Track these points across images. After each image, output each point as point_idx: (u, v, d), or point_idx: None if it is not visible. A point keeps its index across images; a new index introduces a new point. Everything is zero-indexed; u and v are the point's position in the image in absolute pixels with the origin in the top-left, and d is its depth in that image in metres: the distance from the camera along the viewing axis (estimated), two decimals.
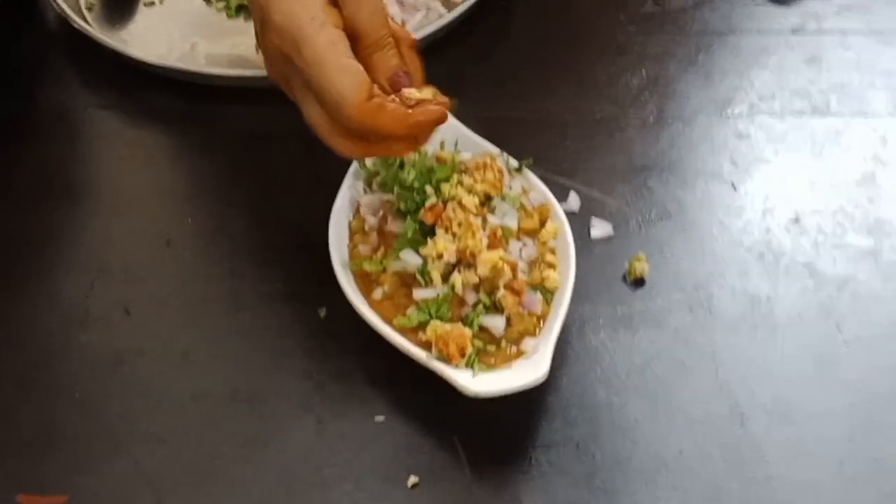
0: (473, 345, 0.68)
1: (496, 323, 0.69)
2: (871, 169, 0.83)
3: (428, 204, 0.72)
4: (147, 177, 0.85)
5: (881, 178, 0.82)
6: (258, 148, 0.85)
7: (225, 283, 0.77)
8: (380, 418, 0.70)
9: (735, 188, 0.82)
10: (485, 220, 0.72)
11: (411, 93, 0.65)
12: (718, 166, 0.84)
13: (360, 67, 0.64)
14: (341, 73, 0.63)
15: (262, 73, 0.86)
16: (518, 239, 0.73)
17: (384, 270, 0.72)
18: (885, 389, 0.71)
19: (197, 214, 0.81)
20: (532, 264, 0.72)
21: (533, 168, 0.77)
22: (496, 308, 0.70)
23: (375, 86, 0.65)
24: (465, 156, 0.76)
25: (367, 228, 0.74)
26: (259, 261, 0.78)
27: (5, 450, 0.69)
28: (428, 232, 0.72)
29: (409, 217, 0.73)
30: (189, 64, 0.87)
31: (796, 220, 0.80)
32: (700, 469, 0.68)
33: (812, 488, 0.67)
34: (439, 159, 0.76)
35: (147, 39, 0.90)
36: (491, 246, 0.70)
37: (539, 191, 0.76)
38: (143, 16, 0.93)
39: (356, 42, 0.66)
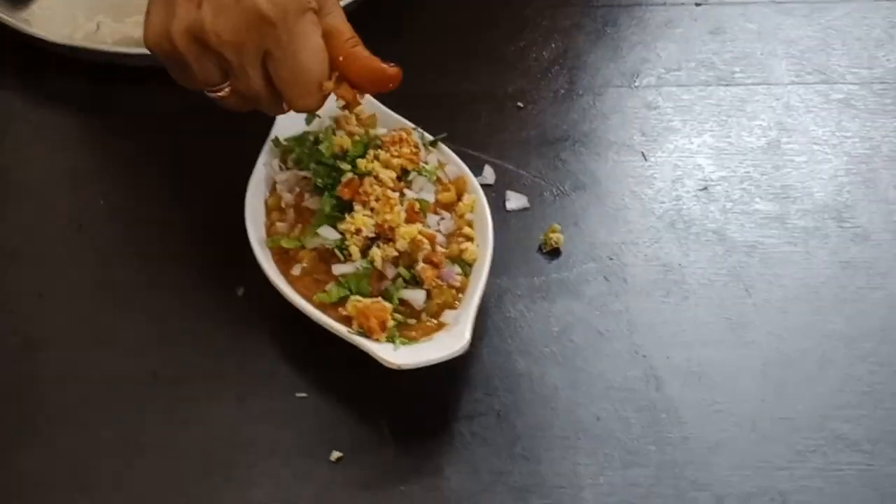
0: (394, 318, 0.68)
1: (416, 296, 0.70)
2: (776, 136, 0.85)
3: (345, 179, 0.72)
4: (55, 160, 0.83)
5: (786, 145, 0.84)
6: (168, 128, 0.83)
7: (140, 265, 0.76)
8: (302, 395, 0.70)
9: (645, 158, 0.84)
10: (402, 195, 0.72)
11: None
12: (629, 137, 0.85)
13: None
14: (318, 52, 0.69)
15: None
16: (435, 212, 0.73)
17: (302, 247, 0.72)
18: (794, 350, 0.73)
19: (108, 197, 0.80)
20: (450, 237, 0.73)
21: (447, 142, 0.78)
22: (416, 281, 0.70)
23: None
24: (381, 131, 0.76)
25: (283, 205, 0.74)
26: (174, 242, 0.77)
27: None
28: (345, 207, 0.72)
29: (326, 193, 0.72)
30: (95, 43, 0.86)
31: (705, 188, 0.82)
32: (618, 433, 0.69)
33: (726, 447, 0.69)
34: (351, 134, 0.76)
35: (50, 19, 0.88)
36: (409, 220, 0.71)
37: (455, 164, 0.76)
38: None
39: (332, 39, 0.70)
